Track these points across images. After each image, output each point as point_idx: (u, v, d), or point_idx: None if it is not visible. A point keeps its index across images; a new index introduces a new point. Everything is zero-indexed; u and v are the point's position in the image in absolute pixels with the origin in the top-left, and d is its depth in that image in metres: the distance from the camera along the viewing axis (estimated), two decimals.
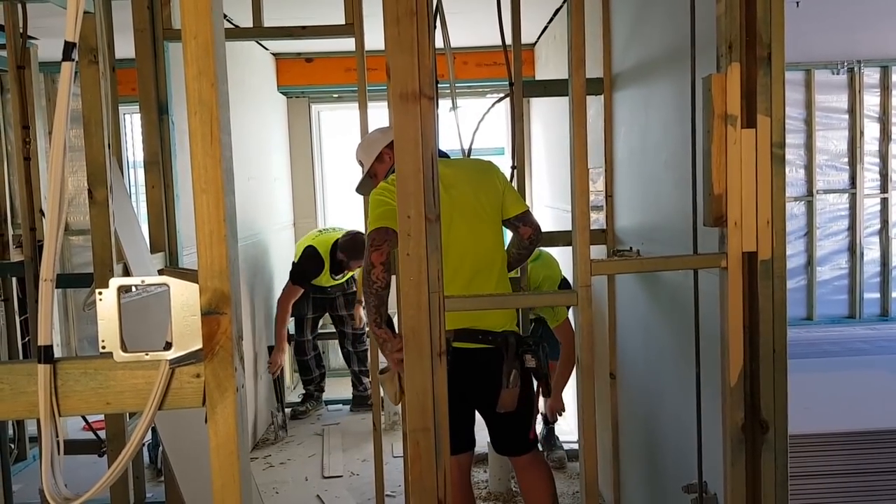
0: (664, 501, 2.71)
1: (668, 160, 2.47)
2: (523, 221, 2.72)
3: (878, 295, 5.67)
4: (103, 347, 1.01)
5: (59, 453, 1.05)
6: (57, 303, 4.88)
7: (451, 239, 2.56)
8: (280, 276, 5.80)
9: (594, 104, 3.35)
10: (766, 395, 1.74)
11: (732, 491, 1.77)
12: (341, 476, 4.12)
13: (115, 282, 1.00)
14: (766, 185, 1.71)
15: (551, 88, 3.48)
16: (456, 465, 2.77)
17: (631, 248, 3.00)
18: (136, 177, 5.22)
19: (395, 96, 1.61)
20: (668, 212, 2.53)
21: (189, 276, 1.01)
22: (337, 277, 5.14)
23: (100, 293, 0.99)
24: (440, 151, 2.81)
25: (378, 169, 2.86)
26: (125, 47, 3.13)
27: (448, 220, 2.56)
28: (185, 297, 1.00)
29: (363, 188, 2.93)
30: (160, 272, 2.97)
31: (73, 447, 3.54)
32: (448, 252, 2.59)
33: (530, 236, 2.74)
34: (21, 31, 3.38)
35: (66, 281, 4.38)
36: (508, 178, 2.86)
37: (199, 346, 1.01)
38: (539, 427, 4.37)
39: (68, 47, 0.95)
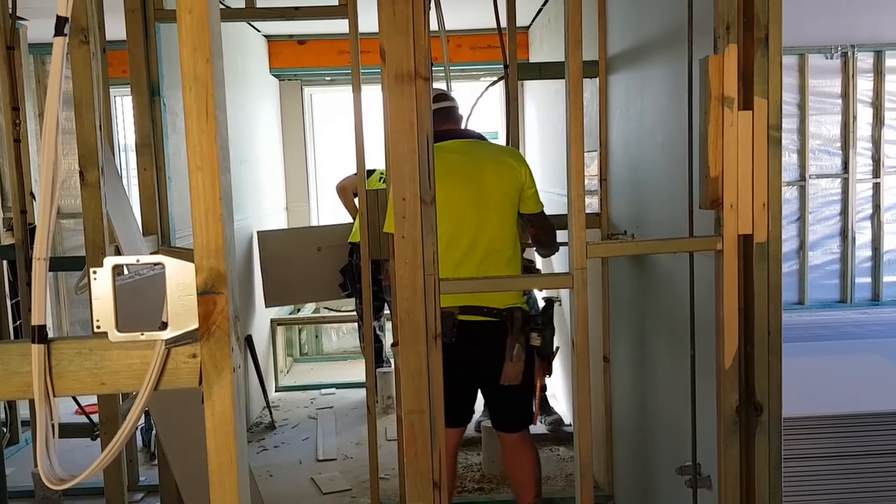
0: (658, 484, 2.73)
1: (664, 143, 2.47)
2: (531, 222, 2.84)
3: (869, 279, 5.69)
4: (98, 327, 1.00)
5: (53, 434, 1.04)
6: (49, 287, 4.85)
7: (462, 221, 2.67)
8: None
9: (589, 87, 3.34)
10: (761, 377, 1.75)
11: (726, 473, 1.78)
12: (335, 459, 4.13)
13: (110, 260, 0.98)
14: (763, 168, 1.71)
15: (546, 71, 3.47)
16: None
17: (625, 231, 3.00)
18: (128, 160, 5.19)
19: (389, 77, 1.59)
20: (663, 195, 2.52)
21: (185, 255, 1.00)
22: None
23: (94, 272, 0.98)
24: (474, 133, 2.87)
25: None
26: (116, 28, 3.10)
27: (459, 204, 2.67)
28: (180, 277, 0.99)
29: None
30: (156, 253, 2.96)
31: (66, 431, 3.53)
32: (458, 235, 2.67)
33: (534, 236, 2.89)
34: (10, 11, 3.33)
35: (57, 264, 4.35)
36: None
37: (195, 325, 1.00)
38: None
39: (60, 22, 0.94)
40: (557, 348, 4.36)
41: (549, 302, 2.91)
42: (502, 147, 2.96)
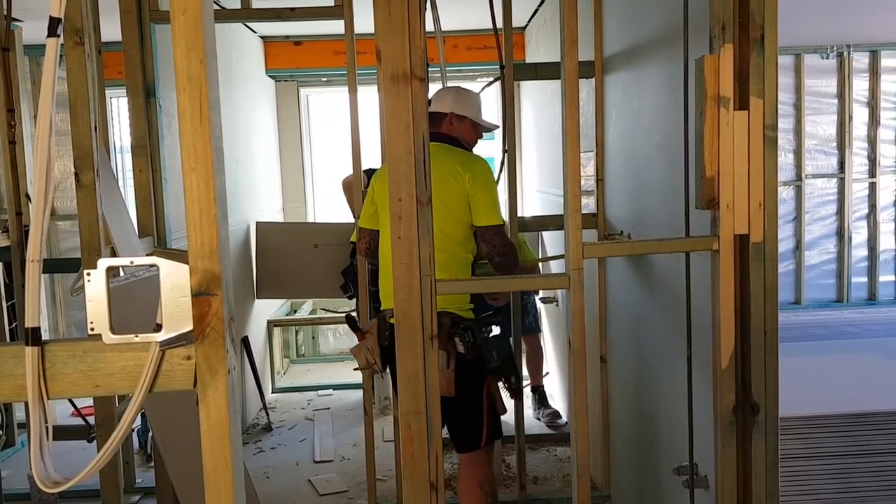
0: (655, 484, 2.73)
1: (661, 143, 2.47)
2: (481, 236, 2.59)
3: (865, 279, 5.70)
4: (92, 329, 1.00)
5: (48, 437, 1.04)
6: (44, 289, 4.84)
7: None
8: None
9: (585, 87, 3.34)
10: (757, 377, 1.75)
11: (723, 473, 1.78)
12: (332, 460, 4.13)
13: (104, 262, 0.98)
14: (759, 168, 1.71)
15: (543, 71, 3.46)
16: None
17: (622, 232, 3.00)
18: (124, 162, 5.18)
19: (385, 78, 1.59)
20: (659, 195, 2.52)
21: (179, 256, 0.99)
22: None
23: (88, 274, 0.97)
24: (445, 136, 2.71)
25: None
26: (111, 29, 3.09)
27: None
28: (175, 278, 0.99)
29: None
30: (150, 254, 2.95)
31: (62, 433, 3.53)
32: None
33: (487, 253, 2.60)
34: (5, 13, 3.32)
35: (53, 266, 4.35)
36: (495, 178, 2.71)
37: (189, 327, 1.00)
38: (529, 398, 4.47)
39: (53, 23, 0.93)
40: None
41: (494, 311, 2.72)
42: (461, 152, 2.67)
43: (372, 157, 3.33)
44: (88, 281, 0.98)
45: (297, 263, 5.01)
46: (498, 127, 2.93)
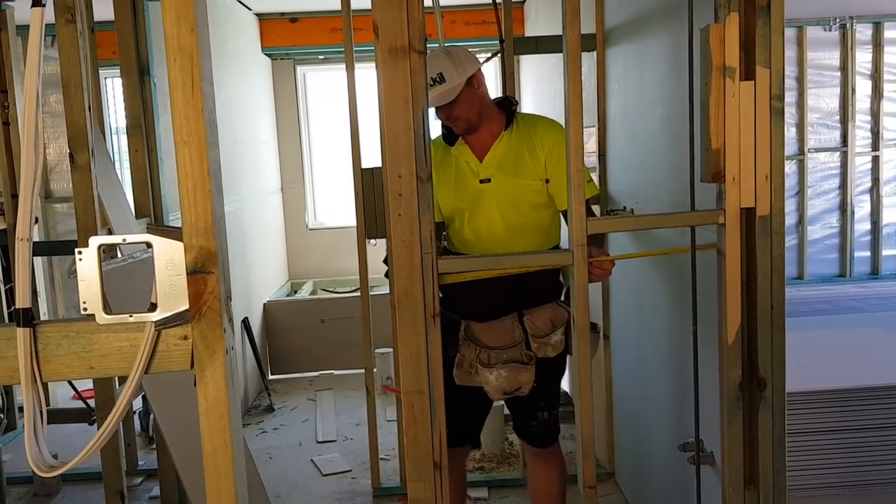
0: (659, 461, 2.71)
1: (664, 116, 2.43)
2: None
3: (868, 253, 5.67)
4: (85, 309, 0.97)
5: (42, 420, 1.02)
6: (42, 271, 4.82)
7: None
8: (269, 243, 5.75)
9: (586, 61, 3.28)
10: (764, 352, 1.72)
11: (730, 449, 1.76)
12: (335, 440, 4.12)
13: (96, 240, 0.95)
14: (765, 139, 1.67)
15: (543, 45, 3.41)
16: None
17: (625, 207, 2.97)
18: (120, 143, 5.14)
19: (383, 51, 1.55)
20: (663, 169, 2.49)
21: (174, 233, 0.96)
22: None
23: (79, 252, 0.94)
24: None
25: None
26: (104, 9, 3.04)
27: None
28: (169, 256, 0.96)
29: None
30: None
31: (62, 416, 3.52)
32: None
33: None
34: None
35: (49, 248, 4.32)
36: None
37: (185, 306, 0.97)
38: None
39: None
40: None
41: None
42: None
43: (371, 136, 3.28)
44: (80, 259, 0.95)
45: (306, 339, 5.33)
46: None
